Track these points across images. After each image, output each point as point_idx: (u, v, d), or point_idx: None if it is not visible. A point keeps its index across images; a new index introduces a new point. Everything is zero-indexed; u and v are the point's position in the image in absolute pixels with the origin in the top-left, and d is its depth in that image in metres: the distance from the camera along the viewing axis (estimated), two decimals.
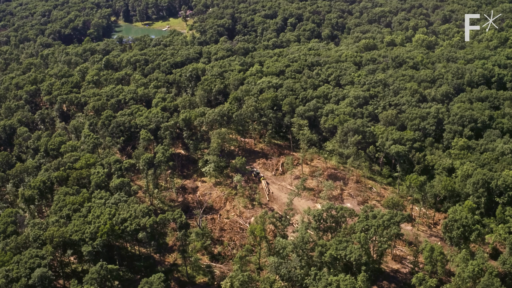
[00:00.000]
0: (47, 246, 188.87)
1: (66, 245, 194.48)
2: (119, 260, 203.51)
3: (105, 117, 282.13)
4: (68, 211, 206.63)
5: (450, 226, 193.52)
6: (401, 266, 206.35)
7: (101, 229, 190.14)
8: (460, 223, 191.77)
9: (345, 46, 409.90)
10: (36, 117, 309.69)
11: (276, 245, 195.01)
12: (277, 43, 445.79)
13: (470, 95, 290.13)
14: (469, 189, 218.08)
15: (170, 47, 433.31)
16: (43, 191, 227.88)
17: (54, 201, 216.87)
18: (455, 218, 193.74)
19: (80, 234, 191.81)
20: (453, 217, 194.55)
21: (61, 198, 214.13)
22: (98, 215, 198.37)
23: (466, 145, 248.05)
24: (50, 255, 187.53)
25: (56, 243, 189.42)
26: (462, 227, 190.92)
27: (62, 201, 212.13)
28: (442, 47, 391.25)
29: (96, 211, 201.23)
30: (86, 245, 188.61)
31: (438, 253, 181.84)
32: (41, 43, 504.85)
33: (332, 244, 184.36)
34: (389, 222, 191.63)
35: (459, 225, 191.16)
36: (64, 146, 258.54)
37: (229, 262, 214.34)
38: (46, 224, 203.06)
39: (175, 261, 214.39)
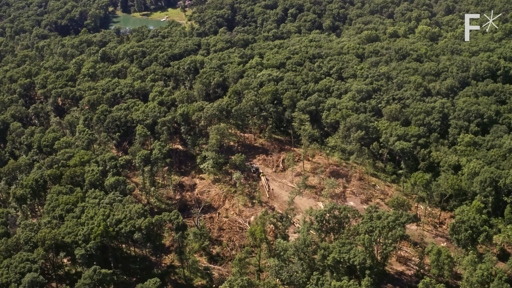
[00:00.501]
0: (38, 249, 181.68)
1: (58, 247, 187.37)
2: (114, 262, 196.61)
3: (101, 111, 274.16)
4: (61, 212, 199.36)
5: (458, 228, 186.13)
6: (406, 268, 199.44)
7: (95, 231, 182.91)
8: (468, 225, 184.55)
9: (347, 37, 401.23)
10: (30, 111, 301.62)
11: (277, 246, 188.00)
12: (278, 34, 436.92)
13: (475, 89, 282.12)
14: (477, 188, 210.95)
15: (168, 38, 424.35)
16: (35, 190, 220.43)
17: (47, 200, 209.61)
18: (463, 219, 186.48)
19: (73, 236, 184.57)
20: (460, 218, 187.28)
21: (54, 197, 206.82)
22: (92, 216, 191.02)
23: (472, 141, 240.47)
24: (41, 259, 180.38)
25: (48, 245, 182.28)
26: (470, 229, 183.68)
27: (55, 201, 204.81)
28: (446, 39, 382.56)
29: (89, 212, 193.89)
30: (79, 248, 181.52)
31: (445, 256, 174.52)
32: (37, 34, 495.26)
33: (335, 247, 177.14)
34: (394, 223, 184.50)
35: (467, 226, 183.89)
36: (58, 143, 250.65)
37: (228, 264, 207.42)
38: (38, 225, 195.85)
39: (172, 262, 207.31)
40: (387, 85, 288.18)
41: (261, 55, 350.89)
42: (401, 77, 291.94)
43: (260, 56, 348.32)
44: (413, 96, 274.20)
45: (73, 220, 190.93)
